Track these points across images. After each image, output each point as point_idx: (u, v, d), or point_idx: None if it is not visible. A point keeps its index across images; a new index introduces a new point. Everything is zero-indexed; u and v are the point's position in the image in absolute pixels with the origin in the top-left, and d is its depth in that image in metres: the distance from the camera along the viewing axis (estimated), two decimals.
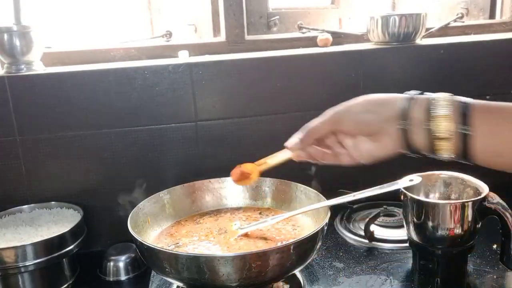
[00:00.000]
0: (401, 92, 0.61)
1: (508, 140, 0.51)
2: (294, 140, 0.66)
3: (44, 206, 0.97)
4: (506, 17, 1.32)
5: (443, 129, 0.53)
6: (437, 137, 0.54)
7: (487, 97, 1.11)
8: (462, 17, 1.27)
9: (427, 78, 1.09)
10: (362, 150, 0.61)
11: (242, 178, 0.78)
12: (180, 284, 0.74)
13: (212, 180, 0.95)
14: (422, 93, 0.58)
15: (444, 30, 1.23)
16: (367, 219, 0.94)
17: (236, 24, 1.13)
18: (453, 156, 0.54)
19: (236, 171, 0.78)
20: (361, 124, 0.59)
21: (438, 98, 0.55)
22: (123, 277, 0.93)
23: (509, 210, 0.75)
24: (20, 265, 0.81)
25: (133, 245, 0.93)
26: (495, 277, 0.81)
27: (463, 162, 0.55)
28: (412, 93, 0.58)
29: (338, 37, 1.19)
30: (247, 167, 0.77)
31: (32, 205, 0.97)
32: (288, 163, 0.72)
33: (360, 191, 0.78)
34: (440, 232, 0.77)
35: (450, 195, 0.85)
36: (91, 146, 0.99)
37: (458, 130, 0.52)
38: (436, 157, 0.56)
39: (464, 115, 0.52)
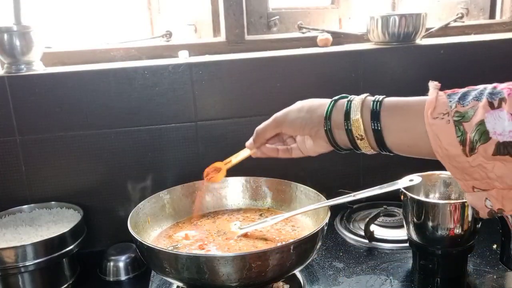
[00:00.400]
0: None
1: (417, 135, 0.54)
2: (250, 141, 0.74)
3: (44, 206, 0.97)
4: (506, 17, 1.32)
5: (359, 128, 0.59)
6: (355, 136, 0.59)
7: None
8: (462, 17, 1.27)
9: (427, 78, 1.08)
10: (307, 145, 0.68)
11: (212, 175, 0.82)
12: (180, 284, 0.74)
13: None
14: (346, 96, 0.63)
15: (444, 30, 1.23)
16: (367, 219, 0.94)
17: (236, 24, 1.13)
18: (373, 151, 0.60)
19: (206, 169, 0.82)
20: (296, 128, 0.66)
21: (354, 101, 0.60)
22: (123, 277, 0.93)
23: None
24: (20, 265, 0.81)
25: (133, 245, 0.93)
26: (495, 277, 0.81)
27: (386, 153, 0.60)
28: (337, 97, 0.63)
29: (338, 37, 1.19)
30: (217, 164, 0.82)
31: (32, 205, 0.97)
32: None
33: (360, 191, 0.78)
34: (440, 232, 0.77)
35: (450, 195, 0.85)
36: (91, 146, 0.99)
37: (372, 127, 0.58)
38: (361, 152, 0.62)
39: (374, 112, 0.58)
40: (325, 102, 0.64)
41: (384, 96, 0.60)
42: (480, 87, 0.54)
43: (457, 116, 0.51)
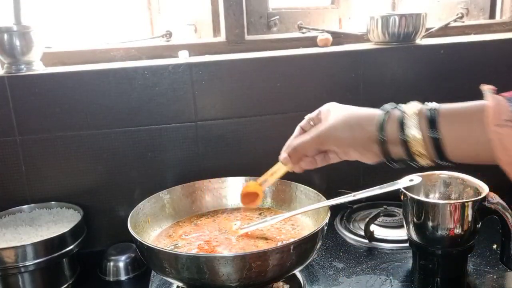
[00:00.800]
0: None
1: (477, 142, 0.53)
2: (284, 155, 0.70)
3: (44, 206, 0.97)
4: (506, 17, 1.32)
5: (416, 141, 0.57)
6: (412, 147, 0.57)
7: None
8: (462, 17, 1.27)
9: (427, 78, 1.09)
10: (349, 156, 0.65)
11: (249, 200, 0.82)
12: (180, 284, 0.74)
13: (212, 180, 0.95)
14: (396, 107, 0.61)
15: (444, 30, 1.23)
16: (367, 219, 0.94)
17: (236, 24, 1.13)
18: (430, 163, 0.58)
19: (244, 196, 0.83)
20: (343, 145, 0.64)
21: (408, 110, 0.58)
22: (123, 277, 0.93)
23: (509, 210, 0.75)
24: (20, 265, 0.81)
25: (133, 245, 0.93)
26: (495, 277, 0.81)
27: (444, 164, 0.58)
28: (388, 107, 0.62)
29: (338, 37, 1.18)
30: (251, 187, 0.82)
31: (32, 205, 0.97)
32: None
33: (360, 191, 0.78)
34: (440, 232, 0.77)
35: (450, 195, 0.85)
36: (91, 146, 0.99)
37: (429, 135, 0.56)
38: (415, 165, 0.60)
39: (432, 120, 0.56)
40: (372, 113, 0.62)
41: (437, 104, 0.58)
42: None
43: None
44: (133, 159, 1.01)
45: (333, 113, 0.66)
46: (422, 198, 0.83)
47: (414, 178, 0.78)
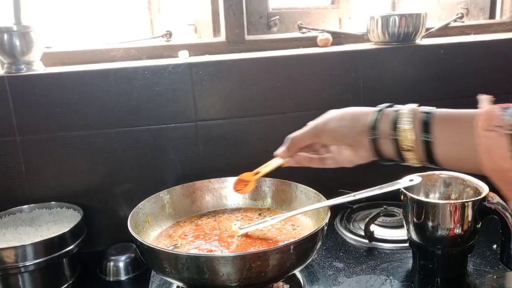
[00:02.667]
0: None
1: (467, 148, 0.53)
2: (281, 149, 0.73)
3: (44, 206, 0.97)
4: (506, 17, 1.32)
5: (407, 139, 0.58)
6: (403, 147, 0.58)
7: None
8: (462, 17, 1.28)
9: (427, 78, 1.09)
10: (343, 156, 0.67)
11: (241, 187, 0.84)
12: (180, 284, 0.74)
13: (212, 180, 0.95)
14: (391, 106, 0.62)
15: (444, 30, 1.23)
16: (367, 219, 0.94)
17: (236, 24, 1.13)
18: (421, 163, 0.59)
19: (236, 181, 0.85)
20: (337, 137, 0.65)
21: (403, 110, 0.59)
22: (123, 277, 0.93)
23: (509, 210, 0.75)
24: (20, 265, 0.81)
25: (133, 245, 0.93)
26: (495, 277, 0.81)
27: (431, 167, 0.59)
28: (383, 106, 0.63)
29: (338, 37, 1.19)
30: (244, 176, 0.83)
31: (32, 205, 0.97)
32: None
33: (360, 191, 0.78)
34: (440, 232, 0.77)
35: (450, 195, 0.85)
36: (91, 146, 0.99)
37: (421, 139, 0.57)
38: (406, 164, 0.61)
39: (426, 124, 0.57)
40: (368, 110, 0.63)
41: (433, 107, 0.58)
42: None
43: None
44: (133, 159, 1.01)
45: (332, 111, 0.68)
46: (422, 198, 0.83)
47: (414, 178, 0.78)
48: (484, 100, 0.53)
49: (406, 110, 0.59)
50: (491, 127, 0.50)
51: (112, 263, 0.93)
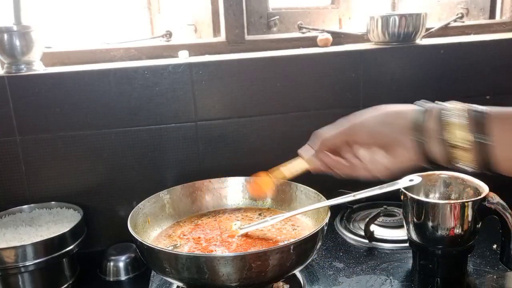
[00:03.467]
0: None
1: None
2: (308, 150, 0.66)
3: (44, 206, 0.97)
4: (506, 17, 1.31)
5: (459, 138, 0.52)
6: (453, 146, 0.52)
7: (487, 97, 1.11)
8: (462, 17, 1.28)
9: (427, 78, 1.09)
10: (377, 163, 0.61)
11: (258, 193, 0.84)
12: (180, 284, 0.74)
13: (212, 180, 0.95)
14: (433, 102, 0.57)
15: (444, 30, 1.23)
16: (367, 219, 0.94)
17: (236, 24, 1.13)
18: (475, 167, 0.53)
19: (252, 185, 0.83)
20: (376, 136, 0.59)
21: (451, 107, 0.54)
22: (123, 277, 0.93)
23: (509, 210, 0.75)
24: (20, 265, 0.81)
25: (133, 245, 0.93)
26: (495, 277, 0.81)
27: (488, 173, 0.53)
28: (424, 103, 0.58)
29: (338, 37, 1.18)
30: (261, 181, 0.80)
31: (32, 205, 0.97)
32: None
33: (360, 191, 0.78)
34: (440, 232, 0.77)
35: (450, 195, 0.85)
36: (91, 146, 0.99)
37: (476, 140, 0.50)
38: (456, 167, 0.54)
39: (480, 124, 0.51)
40: (406, 108, 0.57)
41: (484, 107, 0.53)
42: None
43: None
44: (133, 159, 1.01)
45: (368, 110, 0.62)
46: (422, 198, 0.83)
47: (414, 178, 0.78)
48: None
49: (455, 106, 0.53)
50: None
51: (112, 263, 0.93)
